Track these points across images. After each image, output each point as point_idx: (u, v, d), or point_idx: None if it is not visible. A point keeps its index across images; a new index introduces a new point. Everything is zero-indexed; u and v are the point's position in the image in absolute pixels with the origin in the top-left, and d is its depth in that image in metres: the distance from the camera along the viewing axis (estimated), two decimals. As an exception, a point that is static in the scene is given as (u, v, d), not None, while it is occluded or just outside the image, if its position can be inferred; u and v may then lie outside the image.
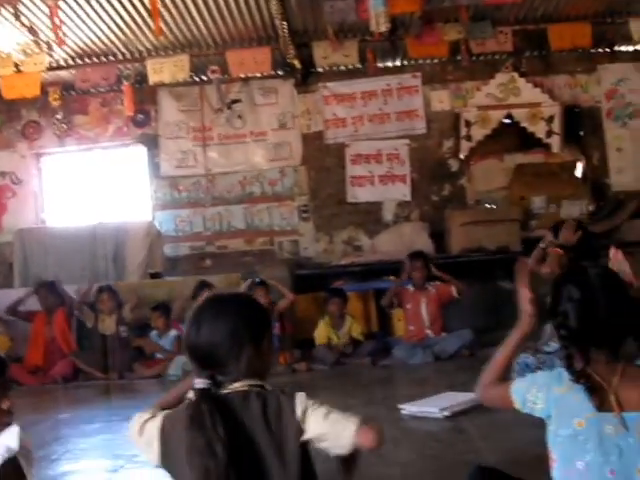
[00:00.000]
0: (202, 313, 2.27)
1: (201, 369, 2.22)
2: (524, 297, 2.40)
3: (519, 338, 2.41)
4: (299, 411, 2.17)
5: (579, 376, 2.16)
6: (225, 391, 2.19)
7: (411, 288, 7.82)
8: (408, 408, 5.01)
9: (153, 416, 2.30)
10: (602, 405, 2.14)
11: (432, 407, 4.90)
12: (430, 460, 3.94)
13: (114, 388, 7.24)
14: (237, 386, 2.20)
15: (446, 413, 4.78)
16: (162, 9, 7.58)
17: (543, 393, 2.24)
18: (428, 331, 7.68)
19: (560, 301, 2.26)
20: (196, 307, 2.31)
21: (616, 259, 2.52)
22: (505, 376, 2.43)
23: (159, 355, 7.77)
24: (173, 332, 7.76)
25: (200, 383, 2.18)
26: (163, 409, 2.36)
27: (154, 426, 2.25)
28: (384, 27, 6.95)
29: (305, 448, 2.19)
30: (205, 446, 2.06)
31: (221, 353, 2.20)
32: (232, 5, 7.98)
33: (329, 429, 2.16)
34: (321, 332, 7.82)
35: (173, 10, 7.95)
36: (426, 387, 6.08)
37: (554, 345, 4.72)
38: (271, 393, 2.22)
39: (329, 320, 7.82)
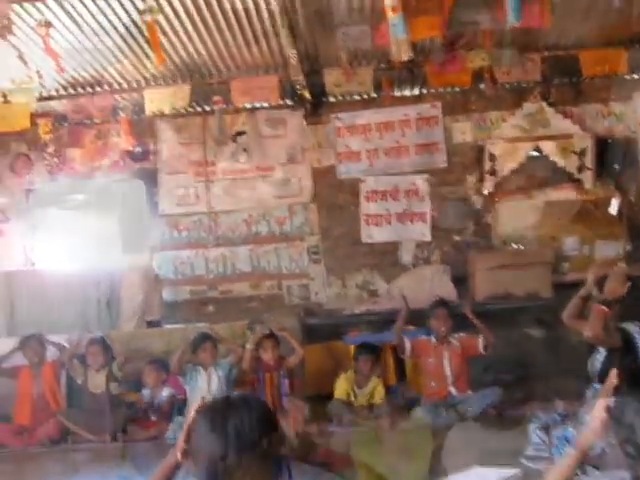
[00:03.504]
0: (227, 421, 2.16)
1: None
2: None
3: (578, 458, 2.15)
4: None
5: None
6: None
7: (433, 340, 7.55)
8: (433, 488, 4.76)
9: None
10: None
11: (460, 488, 4.64)
12: None
13: (106, 453, 6.91)
14: None
15: (476, 495, 4.53)
16: (161, 36, 7.41)
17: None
18: (451, 388, 7.42)
19: (625, 411, 2.01)
20: (214, 415, 2.21)
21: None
22: None
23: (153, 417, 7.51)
24: (166, 391, 7.51)
25: None
26: None
27: None
28: (406, 55, 6.74)
29: None
30: None
31: (254, 469, 2.13)
32: (237, 32, 7.79)
33: None
34: (341, 385, 7.59)
35: (173, 37, 7.78)
36: (451, 457, 5.80)
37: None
38: None
39: (353, 376, 7.58)
